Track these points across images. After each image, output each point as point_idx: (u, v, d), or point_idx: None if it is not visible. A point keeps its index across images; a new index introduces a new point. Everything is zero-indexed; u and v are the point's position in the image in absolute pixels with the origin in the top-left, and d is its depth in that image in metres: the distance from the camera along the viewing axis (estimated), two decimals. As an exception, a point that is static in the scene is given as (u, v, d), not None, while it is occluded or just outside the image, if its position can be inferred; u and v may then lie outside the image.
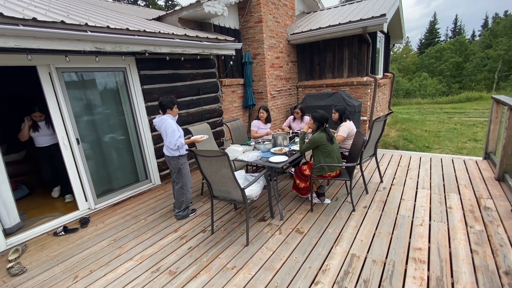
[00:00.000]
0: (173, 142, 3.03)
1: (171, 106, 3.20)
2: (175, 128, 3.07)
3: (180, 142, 3.07)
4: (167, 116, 3.17)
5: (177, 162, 3.23)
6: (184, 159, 3.27)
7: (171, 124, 3.08)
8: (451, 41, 36.06)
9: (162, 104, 3.18)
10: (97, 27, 3.14)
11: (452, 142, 8.42)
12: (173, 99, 3.22)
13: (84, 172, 3.67)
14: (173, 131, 3.04)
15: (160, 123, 3.17)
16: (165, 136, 3.12)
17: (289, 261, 2.48)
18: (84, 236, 3.23)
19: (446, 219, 2.98)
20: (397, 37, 9.45)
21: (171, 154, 3.20)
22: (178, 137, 3.06)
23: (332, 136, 3.22)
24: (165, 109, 3.18)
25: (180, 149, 3.17)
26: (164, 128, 3.10)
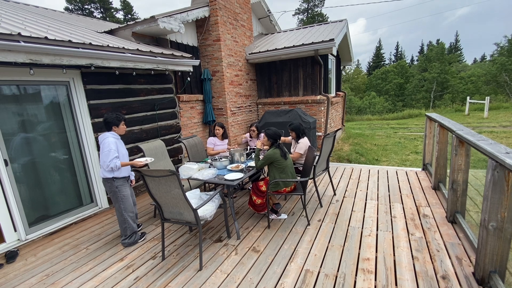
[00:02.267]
0: (106, 162, 2.79)
1: (117, 122, 2.99)
2: (112, 148, 2.84)
3: (114, 164, 2.80)
4: (110, 134, 2.96)
5: (112, 184, 2.95)
6: (120, 181, 2.99)
7: (109, 143, 2.84)
8: (394, 65, 40.71)
9: (107, 121, 2.97)
10: (33, 38, 2.86)
11: (397, 154, 9.26)
12: (119, 115, 3.02)
13: (13, 198, 3.21)
14: (109, 151, 2.80)
15: (101, 140, 2.93)
16: (100, 154, 2.89)
17: (243, 283, 2.40)
18: (9, 273, 2.76)
19: (391, 228, 3.19)
20: (347, 60, 10.34)
21: (104, 176, 2.94)
22: (113, 158, 2.81)
23: (285, 152, 3.31)
24: (110, 126, 2.97)
25: (115, 171, 2.90)
26: (101, 146, 2.86)
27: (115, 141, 2.93)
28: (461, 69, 37.75)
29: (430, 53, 35.17)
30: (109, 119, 2.97)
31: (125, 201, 3.03)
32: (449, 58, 35.64)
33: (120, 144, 3.02)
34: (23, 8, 5.91)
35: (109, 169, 2.82)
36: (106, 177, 2.94)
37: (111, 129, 3.00)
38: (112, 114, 2.99)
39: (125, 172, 3.03)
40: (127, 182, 3.09)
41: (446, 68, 32.19)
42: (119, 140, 3.02)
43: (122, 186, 3.00)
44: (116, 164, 2.81)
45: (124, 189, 3.02)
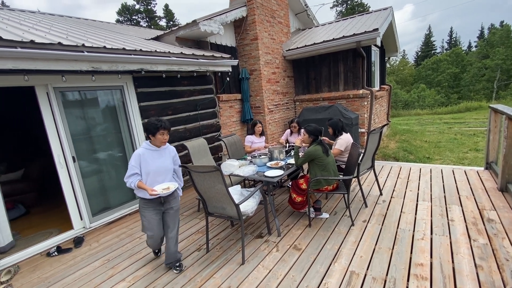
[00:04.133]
0: (125, 177, 2.46)
1: (153, 131, 2.47)
2: (132, 163, 2.44)
3: (129, 183, 2.44)
4: (144, 143, 2.57)
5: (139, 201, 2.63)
6: (141, 202, 2.59)
7: (133, 156, 2.49)
8: (447, 53, 36.68)
9: (145, 128, 2.58)
10: (93, 48, 3.22)
11: (452, 152, 8.35)
12: (159, 122, 2.48)
13: (79, 191, 3.65)
14: (129, 166, 2.45)
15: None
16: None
17: (286, 280, 2.39)
18: (77, 257, 3.15)
19: (448, 232, 2.89)
20: (392, 50, 9.61)
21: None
22: (130, 175, 2.43)
23: (327, 149, 3.20)
24: (147, 135, 2.54)
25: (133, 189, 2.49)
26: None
27: (140, 154, 2.47)
28: (532, 53, 32.46)
29: (493, 37, 30.95)
30: (146, 125, 2.53)
31: (142, 223, 2.65)
32: (517, 41, 30.92)
33: (152, 157, 2.49)
34: (83, 23, 6.67)
35: (128, 185, 2.46)
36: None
37: (148, 138, 2.54)
38: (152, 120, 2.52)
39: (145, 193, 2.44)
40: (151, 205, 2.56)
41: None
42: (155, 152, 2.54)
43: (142, 208, 2.60)
44: (131, 184, 2.43)
45: (143, 212, 2.59)
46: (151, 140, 2.53)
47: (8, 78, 2.98)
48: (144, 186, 2.42)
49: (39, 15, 6.04)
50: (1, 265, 3.00)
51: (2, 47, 2.52)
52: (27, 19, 4.83)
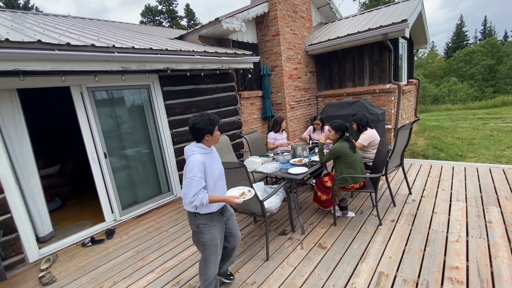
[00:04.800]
0: (189, 196, 1.83)
1: (211, 128, 1.96)
2: (197, 174, 1.84)
3: (200, 201, 1.83)
4: (197, 147, 1.96)
5: (193, 220, 2.02)
6: (204, 219, 1.99)
7: (193, 165, 1.85)
8: (481, 44, 34.10)
9: (196, 128, 1.93)
10: (123, 48, 3.35)
11: (488, 150, 7.78)
12: (212, 116, 1.98)
13: (110, 185, 3.84)
14: (191, 179, 1.83)
15: (186, 156, 1.98)
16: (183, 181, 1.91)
17: (311, 278, 2.37)
18: (109, 247, 3.32)
19: (486, 234, 2.71)
20: (421, 42, 9.10)
21: (186, 208, 1.97)
22: (199, 190, 1.83)
23: (354, 146, 3.11)
24: (203, 135, 1.96)
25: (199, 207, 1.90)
26: (185, 168, 1.91)
27: (203, 161, 1.90)
28: None
29: (534, 25, 28.24)
30: (199, 125, 1.92)
31: (207, 249, 2.03)
32: None
33: (211, 161, 1.99)
34: (111, 25, 6.97)
35: (192, 206, 1.88)
36: (188, 210, 2.00)
37: (203, 138, 1.98)
38: (203, 117, 1.96)
39: (213, 207, 2.01)
40: (216, 219, 2.04)
41: (559, 41, 25.44)
42: (209, 155, 2.02)
43: (206, 226, 1.99)
44: (202, 202, 1.84)
45: (208, 231, 2.00)
46: (206, 140, 1.99)
47: (48, 79, 3.18)
48: (220, 198, 1.97)
49: (71, 19, 6.39)
50: (41, 254, 3.24)
51: (42, 50, 2.69)
52: (61, 23, 5.13)
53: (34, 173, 3.33)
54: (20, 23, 4.18)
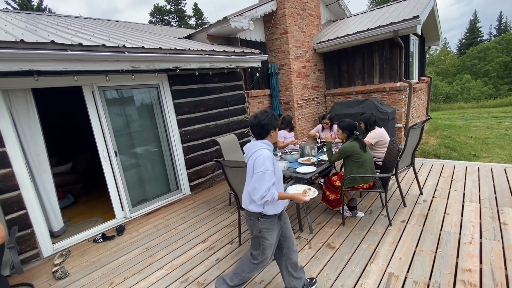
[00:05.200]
0: (261, 191, 1.75)
1: (275, 124, 1.95)
2: (269, 168, 1.79)
3: (272, 196, 1.77)
4: (264, 143, 1.91)
5: (254, 224, 1.93)
6: (267, 222, 1.91)
7: (265, 158, 1.80)
8: (497, 40, 32.98)
9: (262, 124, 1.89)
10: (133, 48, 3.39)
11: (503, 149, 7.55)
12: (274, 113, 1.98)
13: (121, 183, 3.91)
14: (264, 173, 1.76)
15: (250, 152, 1.91)
16: (250, 176, 1.87)
17: (319, 277, 2.35)
18: (119, 244, 3.39)
19: (501, 236, 2.63)
20: (433, 39, 8.88)
21: (248, 207, 1.93)
22: (271, 185, 1.77)
23: (365, 145, 3.07)
24: (268, 130, 1.92)
25: (267, 204, 1.86)
26: (254, 163, 1.83)
27: (272, 156, 1.87)
28: None
29: (553, 20, 27.15)
30: (265, 120, 1.89)
31: (265, 253, 1.96)
32: None
33: (275, 161, 1.91)
34: (121, 25, 7.07)
35: (263, 202, 1.79)
36: (251, 211, 1.92)
37: (268, 134, 1.94)
38: (267, 113, 1.92)
39: (279, 207, 1.95)
40: (276, 223, 1.96)
41: None
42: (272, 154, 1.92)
43: (268, 231, 1.92)
44: (274, 197, 1.78)
45: (270, 235, 1.93)
46: (271, 136, 1.96)
47: (60, 78, 3.26)
48: (289, 195, 1.95)
49: (82, 20, 6.51)
50: (55, 249, 3.33)
51: (55, 50, 2.76)
52: (73, 23, 5.24)
53: (47, 169, 3.42)
54: (34, 24, 4.28)
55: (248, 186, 1.87)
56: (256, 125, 1.91)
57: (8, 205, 2.92)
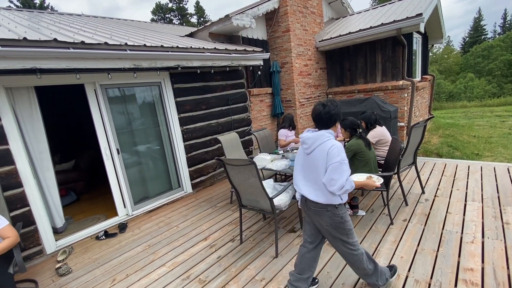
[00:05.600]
0: (340, 180, 1.74)
1: (341, 114, 1.94)
2: (345, 158, 1.78)
3: (351, 184, 1.79)
4: (330, 133, 1.86)
5: (334, 214, 1.88)
6: (343, 208, 1.92)
7: (339, 149, 1.77)
8: (501, 38, 32.69)
9: (331, 114, 1.86)
10: (135, 46, 3.40)
11: (507, 148, 7.51)
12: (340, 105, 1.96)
13: (123, 180, 3.92)
14: (341, 163, 1.74)
15: (316, 143, 1.84)
16: (323, 167, 1.80)
17: (321, 276, 2.36)
18: (122, 241, 3.41)
19: (503, 236, 2.62)
20: (436, 37, 8.81)
21: (325, 201, 1.86)
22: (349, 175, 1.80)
23: (369, 142, 3.05)
24: (334, 121, 1.90)
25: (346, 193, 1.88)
26: (327, 154, 1.77)
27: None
28: None
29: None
30: (335, 110, 1.87)
31: (353, 234, 1.96)
32: None
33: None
34: (123, 23, 7.07)
35: (343, 191, 1.79)
36: (329, 203, 1.87)
37: (334, 124, 1.92)
38: (335, 103, 1.90)
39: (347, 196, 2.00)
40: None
41: None
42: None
43: (346, 214, 1.93)
44: (352, 185, 1.80)
45: (349, 218, 1.96)
46: (335, 126, 1.95)
47: (63, 76, 3.27)
48: (362, 183, 2.05)
49: (85, 18, 6.52)
50: (58, 246, 3.36)
51: (58, 48, 2.76)
52: (75, 21, 5.25)
53: (50, 167, 3.45)
54: (36, 22, 4.30)
55: (324, 178, 1.80)
56: (325, 114, 1.86)
57: (11, 202, 2.94)
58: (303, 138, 1.92)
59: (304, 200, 1.99)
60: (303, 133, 1.96)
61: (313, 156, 1.85)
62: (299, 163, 2.01)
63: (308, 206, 1.97)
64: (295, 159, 2.10)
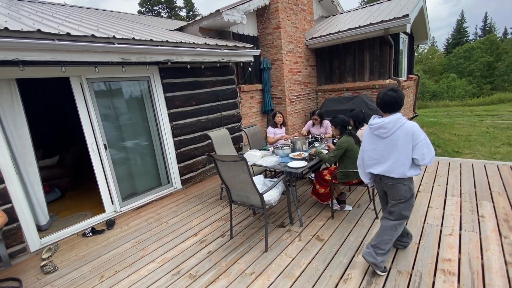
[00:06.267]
0: (430, 155, 2.04)
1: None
2: (425, 135, 2.10)
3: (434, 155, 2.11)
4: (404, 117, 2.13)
5: (409, 185, 2.18)
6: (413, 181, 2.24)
7: (419, 128, 2.11)
8: (481, 40, 34.03)
9: (402, 98, 2.12)
10: (123, 39, 3.32)
11: (484, 146, 7.89)
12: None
13: (111, 176, 3.86)
14: (425, 139, 2.07)
15: (397, 125, 2.08)
16: (409, 145, 2.06)
17: (308, 268, 2.43)
18: (110, 238, 3.37)
19: (478, 228, 2.79)
20: (422, 38, 9.09)
21: (407, 175, 2.12)
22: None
23: (359, 140, 3.14)
24: (402, 105, 2.15)
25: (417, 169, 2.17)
26: (412, 134, 2.04)
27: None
28: None
29: (534, 22, 28.17)
30: (402, 95, 2.12)
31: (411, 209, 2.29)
32: None
33: None
34: (109, 15, 6.87)
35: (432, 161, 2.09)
36: (408, 177, 2.14)
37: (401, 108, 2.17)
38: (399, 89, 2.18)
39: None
40: None
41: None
42: None
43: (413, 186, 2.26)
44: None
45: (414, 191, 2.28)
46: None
47: (47, 69, 3.16)
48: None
49: (68, 8, 6.28)
50: (42, 243, 3.28)
51: (42, 40, 2.67)
52: (58, 12, 5.05)
53: (33, 162, 3.34)
54: (16, 11, 4.10)
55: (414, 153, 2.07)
56: (398, 98, 2.10)
57: (-7, 198, 2.84)
58: (380, 124, 2.14)
59: (379, 178, 2.29)
60: (374, 120, 2.21)
61: (395, 137, 2.10)
62: (370, 148, 2.27)
63: (384, 183, 2.26)
64: (362, 147, 2.40)
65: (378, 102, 2.22)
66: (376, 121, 2.18)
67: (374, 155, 2.25)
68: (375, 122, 2.19)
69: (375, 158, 2.25)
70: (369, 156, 2.29)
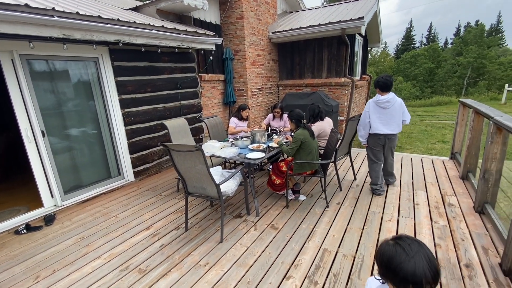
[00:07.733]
0: (409, 116, 3.52)
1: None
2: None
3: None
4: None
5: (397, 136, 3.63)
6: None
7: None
8: (425, 48, 37.95)
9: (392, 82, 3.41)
10: (65, 13, 2.95)
11: (422, 143, 8.88)
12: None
13: (50, 167, 3.46)
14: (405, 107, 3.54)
15: (394, 100, 3.34)
16: (401, 112, 3.39)
17: (262, 256, 2.49)
18: (48, 235, 3.04)
19: (413, 215, 3.13)
20: (375, 41, 9.78)
21: (400, 130, 3.51)
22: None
23: (313, 133, 3.27)
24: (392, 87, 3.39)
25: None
26: (401, 105, 3.41)
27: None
28: (501, 53, 34.40)
29: (468, 36, 32.33)
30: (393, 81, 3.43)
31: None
32: (489, 41, 32.60)
33: None
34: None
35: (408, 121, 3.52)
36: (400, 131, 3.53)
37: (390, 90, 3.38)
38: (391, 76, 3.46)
39: None
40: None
41: (484, 53, 29.59)
42: None
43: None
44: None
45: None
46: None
47: (-35, 40, 2.68)
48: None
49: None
50: (-37, 243, 2.83)
51: (-43, 4, 2.24)
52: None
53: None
54: None
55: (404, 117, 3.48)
56: (391, 82, 3.37)
57: None
58: (387, 99, 3.31)
59: (383, 136, 3.45)
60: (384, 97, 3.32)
61: (394, 108, 3.35)
62: (376, 116, 3.41)
63: (388, 138, 3.47)
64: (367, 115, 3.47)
65: (379, 84, 3.33)
66: (384, 97, 3.31)
67: (379, 120, 3.39)
68: (382, 98, 3.32)
69: (381, 123, 3.39)
70: (375, 121, 3.41)
